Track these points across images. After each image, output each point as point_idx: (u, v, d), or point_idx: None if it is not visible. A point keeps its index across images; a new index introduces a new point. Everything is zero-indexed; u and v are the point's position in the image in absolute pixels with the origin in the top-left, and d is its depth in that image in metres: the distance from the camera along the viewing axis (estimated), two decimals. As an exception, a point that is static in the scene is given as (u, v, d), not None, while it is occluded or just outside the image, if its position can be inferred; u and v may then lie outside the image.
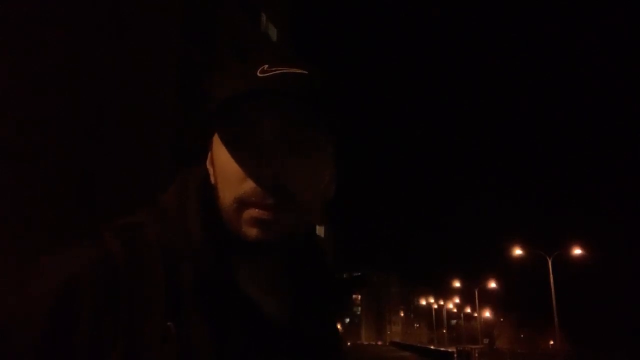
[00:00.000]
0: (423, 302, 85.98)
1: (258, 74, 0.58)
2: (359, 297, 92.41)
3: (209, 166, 0.66)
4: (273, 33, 24.02)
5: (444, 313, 69.48)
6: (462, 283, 52.46)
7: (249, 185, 0.58)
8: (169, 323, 0.53)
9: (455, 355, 32.81)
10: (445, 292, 75.07)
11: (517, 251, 29.09)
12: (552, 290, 25.41)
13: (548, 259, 26.33)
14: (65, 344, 0.49)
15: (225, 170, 0.60)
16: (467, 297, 70.10)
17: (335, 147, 0.66)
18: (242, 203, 0.59)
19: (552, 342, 51.68)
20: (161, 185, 0.65)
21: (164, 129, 14.12)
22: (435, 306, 79.49)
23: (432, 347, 48.52)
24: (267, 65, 0.59)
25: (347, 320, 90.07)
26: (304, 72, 0.59)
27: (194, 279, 0.57)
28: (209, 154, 0.66)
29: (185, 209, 0.62)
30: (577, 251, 27.01)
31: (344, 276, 0.76)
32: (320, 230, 55.40)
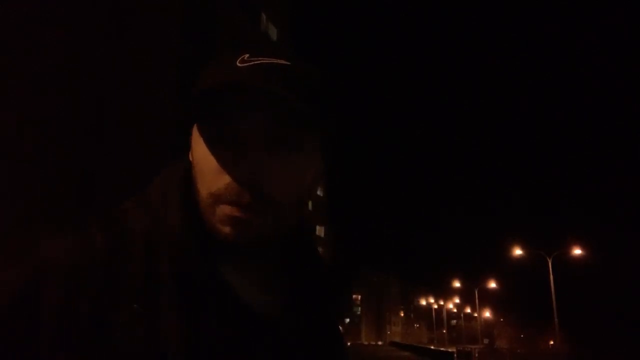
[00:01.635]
0: (423, 302, 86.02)
1: (237, 63, 0.55)
2: (359, 297, 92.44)
3: (190, 158, 0.63)
4: (273, 33, 24.02)
5: (444, 313, 69.47)
6: (462, 283, 52.48)
7: (224, 181, 0.55)
8: (135, 305, 0.52)
9: (455, 355, 32.82)
10: (445, 292, 75.13)
11: (517, 251, 29.11)
12: (552, 290, 25.41)
13: (548, 259, 26.33)
14: (30, 326, 0.49)
15: (202, 163, 0.58)
16: (467, 297, 70.20)
17: (322, 145, 0.62)
18: (216, 199, 0.56)
19: (552, 342, 51.66)
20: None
21: (164, 128, 14.13)
22: (435, 306, 79.55)
23: (432, 347, 48.53)
24: (247, 55, 0.56)
25: (347, 320, 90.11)
26: (287, 63, 0.56)
27: (172, 269, 0.55)
28: (190, 150, 0.63)
29: (167, 201, 0.60)
30: (577, 251, 27.02)
31: (340, 273, 0.74)
32: (320, 231, 55.51)
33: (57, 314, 0.50)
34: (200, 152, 0.58)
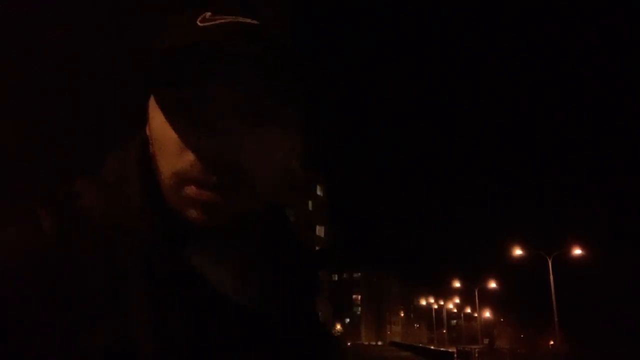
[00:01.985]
0: (423, 302, 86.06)
1: (198, 22, 0.48)
2: (359, 297, 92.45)
3: (147, 133, 0.55)
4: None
5: (444, 313, 69.52)
6: (462, 283, 52.52)
7: (189, 158, 0.48)
8: (94, 298, 0.45)
9: (455, 355, 32.84)
10: (445, 292, 75.20)
11: (517, 251, 29.14)
12: (552, 290, 25.43)
13: (548, 259, 26.35)
14: None
15: (162, 139, 0.51)
16: (467, 297, 70.27)
17: (298, 116, 0.55)
18: (181, 179, 0.49)
19: (552, 342, 51.69)
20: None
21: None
22: (435, 306, 79.58)
23: (432, 347, 48.57)
24: (209, 13, 0.49)
25: (347, 320, 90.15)
26: (254, 22, 0.49)
27: (134, 258, 0.48)
28: (147, 125, 0.56)
29: (125, 181, 0.53)
30: (577, 251, 27.05)
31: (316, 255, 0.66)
32: (320, 231, 55.51)
33: (6, 311, 0.43)
34: (160, 126, 0.51)
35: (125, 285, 0.47)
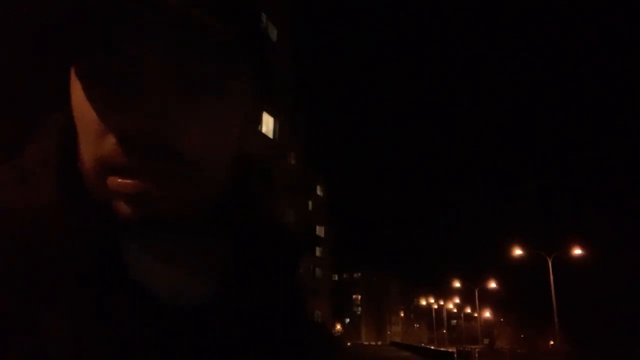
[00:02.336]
0: (423, 302, 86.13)
1: None
2: (359, 297, 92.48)
3: (70, 110, 0.45)
4: (273, 33, 24.03)
5: (444, 313, 69.54)
6: (462, 283, 52.50)
7: (111, 141, 0.40)
8: (12, 306, 0.39)
9: (455, 355, 32.87)
10: (445, 292, 75.25)
11: (517, 251, 29.16)
12: (552, 290, 25.45)
13: (548, 259, 26.37)
14: None
15: (82, 117, 0.42)
16: (467, 297, 70.29)
17: (250, 82, 0.46)
18: (104, 166, 0.41)
19: (552, 342, 51.72)
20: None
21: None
22: (435, 306, 79.63)
23: (432, 347, 48.61)
24: None
25: (347, 320, 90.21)
26: None
27: (50, 256, 0.41)
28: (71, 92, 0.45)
29: (44, 168, 0.45)
30: (577, 251, 27.08)
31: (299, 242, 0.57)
32: (320, 231, 55.53)
33: None
34: (80, 102, 0.42)
35: (44, 289, 0.40)
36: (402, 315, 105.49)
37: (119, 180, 0.40)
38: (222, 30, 0.39)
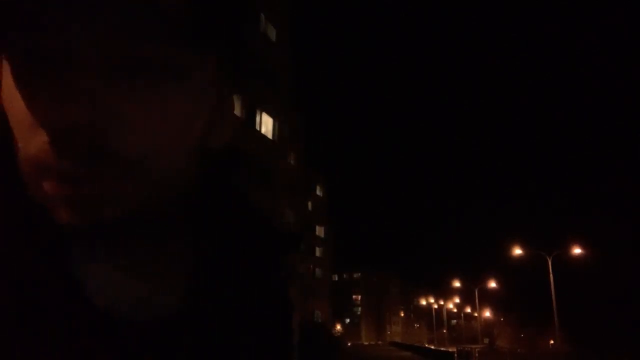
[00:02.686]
0: (423, 302, 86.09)
1: None
2: (359, 297, 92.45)
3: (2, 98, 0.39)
4: (272, 33, 24.03)
5: (444, 313, 69.54)
6: (462, 283, 52.49)
7: (42, 138, 0.34)
8: None
9: (455, 355, 32.87)
10: (445, 292, 75.24)
11: (517, 251, 29.15)
12: (552, 290, 25.45)
13: (548, 258, 26.37)
14: None
15: (13, 109, 0.36)
16: (467, 297, 70.28)
17: (214, 65, 0.40)
18: (38, 167, 0.35)
19: (552, 342, 51.72)
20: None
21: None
22: (435, 306, 79.60)
23: (432, 347, 48.59)
24: None
25: (347, 320, 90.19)
26: None
27: None
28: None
29: None
30: (577, 251, 27.08)
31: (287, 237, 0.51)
32: (320, 231, 55.48)
33: None
34: (10, 91, 0.36)
35: None
36: (402, 315, 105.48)
37: (54, 183, 0.35)
38: (177, 6, 0.34)
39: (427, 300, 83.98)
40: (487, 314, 67.01)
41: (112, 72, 0.34)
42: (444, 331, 77.18)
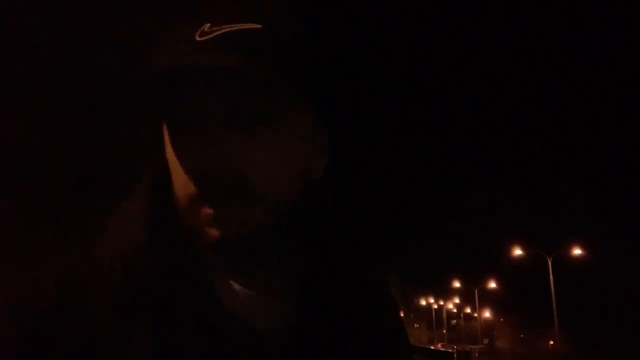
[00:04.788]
0: (423, 302, 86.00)
1: (197, 37, 0.46)
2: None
3: (167, 156, 0.53)
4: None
5: (444, 313, 69.48)
6: (462, 283, 52.49)
7: (199, 181, 0.48)
8: (104, 338, 0.46)
9: (455, 355, 32.87)
10: (445, 292, 75.23)
11: (517, 251, 29.13)
12: (552, 290, 25.42)
13: (548, 259, 26.35)
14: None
15: (175, 165, 0.50)
16: (467, 297, 70.23)
17: (317, 117, 0.52)
18: (197, 202, 0.48)
19: (552, 343, 51.69)
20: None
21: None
22: (435, 306, 79.55)
23: (432, 347, 48.61)
24: (208, 25, 0.46)
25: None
26: (257, 26, 0.46)
27: (144, 287, 0.48)
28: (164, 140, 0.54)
29: (135, 216, 0.53)
30: (577, 251, 27.05)
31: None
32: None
33: (38, 336, 0.46)
34: (170, 150, 0.50)
35: (130, 318, 0.47)
36: (401, 315, 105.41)
37: (207, 210, 0.47)
38: (287, 78, 0.45)
39: (426, 300, 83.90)
40: (487, 314, 66.97)
41: (246, 127, 0.47)
42: (444, 331, 77.09)
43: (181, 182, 0.49)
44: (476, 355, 33.17)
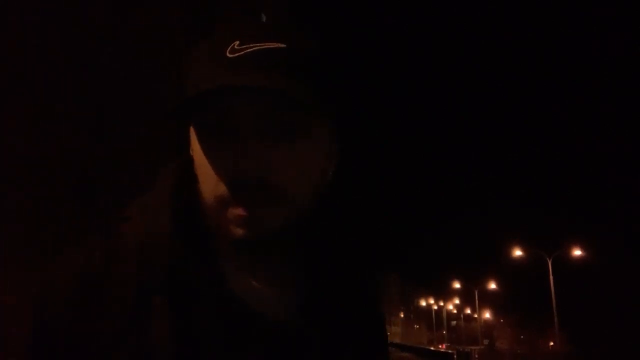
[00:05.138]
0: (423, 303, 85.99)
1: (227, 54, 0.51)
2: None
3: (191, 153, 0.59)
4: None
5: (444, 314, 69.46)
6: (462, 284, 52.49)
7: (228, 181, 0.52)
8: (125, 317, 0.50)
9: (455, 356, 32.84)
10: (445, 293, 75.21)
11: (517, 251, 29.12)
12: (552, 291, 25.42)
13: (548, 259, 26.34)
14: (39, 353, 0.49)
15: (203, 164, 0.54)
16: (467, 298, 70.23)
17: (331, 127, 0.58)
18: (224, 202, 0.52)
19: (552, 343, 51.67)
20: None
21: (166, 128, 14.12)
22: (435, 307, 79.52)
23: (432, 347, 48.56)
24: (238, 42, 0.51)
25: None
26: (282, 45, 0.51)
27: (165, 278, 0.52)
28: (190, 144, 0.59)
29: (161, 205, 0.57)
30: (577, 252, 27.04)
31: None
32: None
33: (59, 333, 0.49)
34: (199, 151, 0.55)
35: (155, 304, 0.51)
36: (402, 316, 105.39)
37: (235, 210, 0.52)
38: (310, 93, 0.50)
39: (427, 301, 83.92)
40: (487, 315, 66.95)
41: (272, 135, 0.52)
42: (444, 332, 77.07)
43: (210, 184, 0.53)
44: (476, 356, 33.13)
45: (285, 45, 0.51)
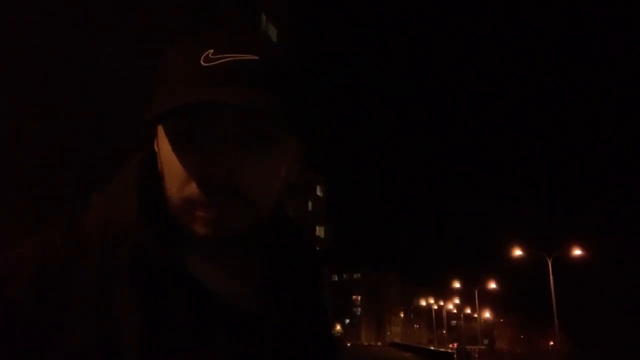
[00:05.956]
0: (423, 302, 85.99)
1: (202, 62, 0.52)
2: (359, 297, 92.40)
3: (155, 148, 0.60)
4: (273, 33, 24.02)
5: (444, 314, 69.46)
6: (462, 283, 52.46)
7: (194, 186, 0.53)
8: (87, 301, 0.51)
9: (454, 355, 32.84)
10: (445, 293, 75.10)
11: (517, 251, 29.10)
12: (552, 290, 25.41)
13: (548, 259, 26.33)
14: None
15: (170, 164, 0.55)
16: (467, 297, 70.18)
17: (300, 137, 0.60)
18: (190, 203, 0.53)
19: (552, 343, 51.66)
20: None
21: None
22: (435, 307, 79.51)
23: (432, 347, 48.55)
24: (212, 51, 0.52)
25: (347, 321, 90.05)
26: (255, 57, 0.52)
27: (128, 262, 0.53)
28: (155, 140, 0.60)
29: (125, 193, 0.59)
30: (577, 251, 27.02)
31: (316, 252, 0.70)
32: (320, 231, 55.45)
33: (17, 312, 0.50)
34: (167, 151, 0.55)
35: (116, 289, 0.52)
36: (402, 315, 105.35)
37: (204, 211, 0.53)
38: (278, 109, 0.52)
39: (427, 300, 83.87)
40: (487, 315, 66.94)
41: (241, 142, 0.53)
42: (444, 332, 77.07)
43: (176, 183, 0.54)
44: (476, 355, 33.12)
45: (258, 57, 0.53)
